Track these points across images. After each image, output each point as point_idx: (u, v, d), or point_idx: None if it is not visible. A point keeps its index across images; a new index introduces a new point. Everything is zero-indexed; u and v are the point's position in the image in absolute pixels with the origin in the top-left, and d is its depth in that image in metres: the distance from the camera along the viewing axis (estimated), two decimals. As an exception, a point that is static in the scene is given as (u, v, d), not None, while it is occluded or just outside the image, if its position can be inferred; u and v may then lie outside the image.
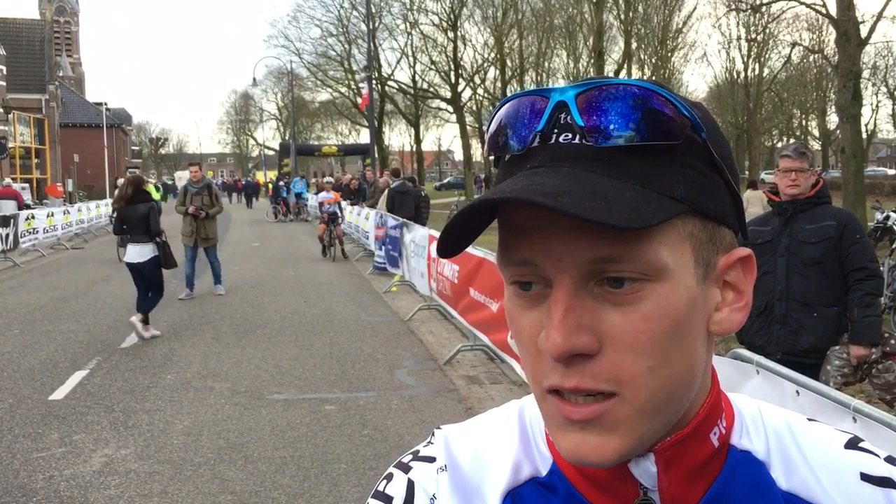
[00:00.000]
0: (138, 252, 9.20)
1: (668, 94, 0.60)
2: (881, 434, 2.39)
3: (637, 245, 0.58)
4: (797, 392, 2.91)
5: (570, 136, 0.60)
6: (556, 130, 0.61)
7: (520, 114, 0.63)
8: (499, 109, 0.65)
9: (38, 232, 20.45)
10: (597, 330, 0.59)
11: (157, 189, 23.91)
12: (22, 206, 22.47)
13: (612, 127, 0.59)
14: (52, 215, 22.28)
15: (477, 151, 56.68)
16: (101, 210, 29.54)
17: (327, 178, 21.29)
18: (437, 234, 10.58)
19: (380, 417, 6.21)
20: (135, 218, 9.17)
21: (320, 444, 5.60)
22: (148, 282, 9.21)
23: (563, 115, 0.61)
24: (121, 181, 26.62)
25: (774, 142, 60.79)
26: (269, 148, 78.35)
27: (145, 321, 9.09)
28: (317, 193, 30.74)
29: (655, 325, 0.59)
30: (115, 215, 9.55)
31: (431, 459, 0.74)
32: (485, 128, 0.69)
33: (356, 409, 6.45)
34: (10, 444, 5.65)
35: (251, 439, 5.72)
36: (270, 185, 51.25)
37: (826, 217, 4.21)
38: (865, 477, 0.68)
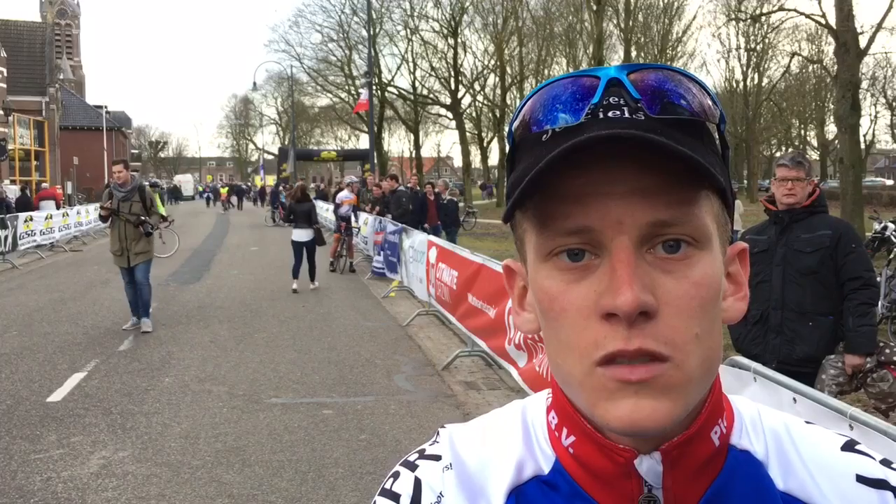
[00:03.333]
0: (304, 234, 13.53)
1: (705, 84, 0.65)
2: (878, 442, 2.41)
3: (690, 210, 0.61)
4: (794, 399, 2.92)
5: (618, 112, 0.62)
6: (601, 108, 0.62)
7: (569, 90, 0.64)
8: (537, 91, 0.66)
9: (35, 234, 20.46)
10: (655, 293, 0.61)
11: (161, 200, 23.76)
12: (60, 206, 22.78)
13: (665, 101, 0.62)
14: (51, 217, 22.29)
15: (476, 158, 56.76)
16: (99, 212, 29.55)
17: (349, 178, 20.73)
18: (435, 239, 10.59)
19: (377, 422, 6.21)
20: (301, 212, 13.56)
21: (318, 449, 5.60)
22: (309, 254, 13.60)
23: (614, 93, 0.63)
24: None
25: (773, 151, 60.95)
26: (268, 152, 78.43)
27: (313, 278, 13.74)
28: (316, 198, 30.65)
29: (704, 293, 0.62)
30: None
31: (437, 458, 0.75)
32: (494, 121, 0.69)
33: (354, 413, 6.45)
34: (7, 446, 5.65)
35: (249, 443, 5.72)
36: (225, 190, 53.19)
37: (822, 226, 4.22)
38: (861, 479, 0.69)
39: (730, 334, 4.61)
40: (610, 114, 0.62)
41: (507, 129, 0.70)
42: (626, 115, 0.61)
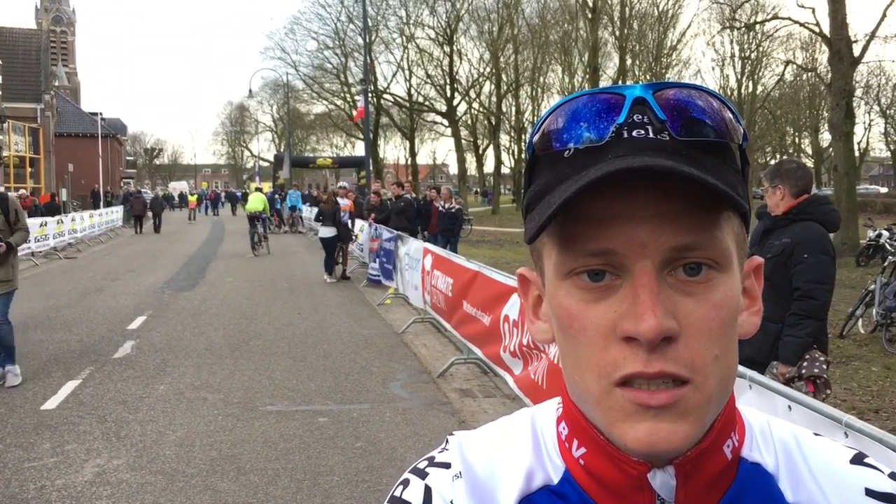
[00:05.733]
0: (328, 232, 15.69)
1: (728, 102, 0.64)
2: (872, 449, 2.41)
3: (713, 234, 0.62)
4: (789, 407, 2.93)
5: (642, 132, 0.62)
6: (626, 127, 0.62)
7: (594, 108, 0.63)
8: (560, 105, 0.66)
9: (30, 241, 20.38)
10: (676, 316, 0.61)
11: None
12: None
13: (690, 123, 0.62)
14: (45, 224, 22.23)
15: (472, 165, 56.78)
16: (94, 220, 29.51)
17: (341, 184, 20.95)
18: (430, 246, 10.59)
19: (373, 430, 6.20)
20: (328, 213, 15.82)
21: (313, 456, 5.59)
22: (331, 248, 15.85)
23: (638, 111, 0.62)
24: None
25: (768, 159, 61.05)
26: (263, 159, 78.35)
27: (330, 273, 15.82)
28: (312, 205, 30.62)
29: (724, 314, 0.62)
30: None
31: (447, 465, 0.75)
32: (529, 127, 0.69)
33: (349, 421, 6.44)
34: (1, 454, 5.62)
35: (244, 451, 5.71)
36: (194, 198, 50.28)
37: (789, 234, 4.24)
38: (870, 492, 0.70)
39: None
40: (634, 133, 0.62)
41: (526, 139, 0.70)
42: (651, 134, 0.61)
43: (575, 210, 0.61)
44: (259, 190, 26.87)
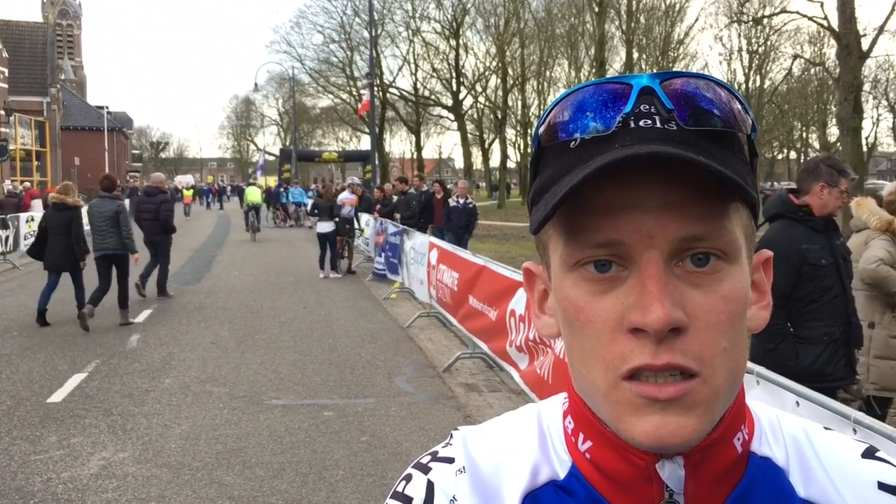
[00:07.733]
0: (326, 226, 15.38)
1: (736, 92, 0.63)
2: (881, 445, 2.39)
3: (721, 224, 0.60)
4: (797, 403, 2.91)
5: (649, 121, 0.61)
6: (632, 116, 0.61)
7: (600, 98, 0.62)
8: (565, 96, 0.65)
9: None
10: (684, 308, 0.60)
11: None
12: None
13: (697, 112, 0.61)
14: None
15: (478, 159, 56.80)
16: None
17: (351, 179, 20.38)
18: (436, 241, 10.58)
19: (378, 424, 6.20)
20: (325, 208, 15.57)
21: (318, 450, 5.59)
22: (331, 244, 15.50)
23: (645, 101, 0.61)
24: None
25: (775, 154, 60.93)
26: (269, 153, 78.49)
27: (334, 268, 15.54)
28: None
29: (733, 306, 0.61)
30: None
31: (450, 460, 0.74)
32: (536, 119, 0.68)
33: (355, 415, 6.44)
34: (7, 447, 5.65)
35: (249, 444, 5.71)
36: (189, 193, 44.70)
37: (837, 234, 4.08)
38: (883, 486, 0.69)
39: (794, 358, 3.94)
40: (641, 122, 0.61)
41: (532, 131, 0.68)
42: (658, 124, 0.60)
43: (581, 200, 0.60)
44: (253, 184, 28.35)
